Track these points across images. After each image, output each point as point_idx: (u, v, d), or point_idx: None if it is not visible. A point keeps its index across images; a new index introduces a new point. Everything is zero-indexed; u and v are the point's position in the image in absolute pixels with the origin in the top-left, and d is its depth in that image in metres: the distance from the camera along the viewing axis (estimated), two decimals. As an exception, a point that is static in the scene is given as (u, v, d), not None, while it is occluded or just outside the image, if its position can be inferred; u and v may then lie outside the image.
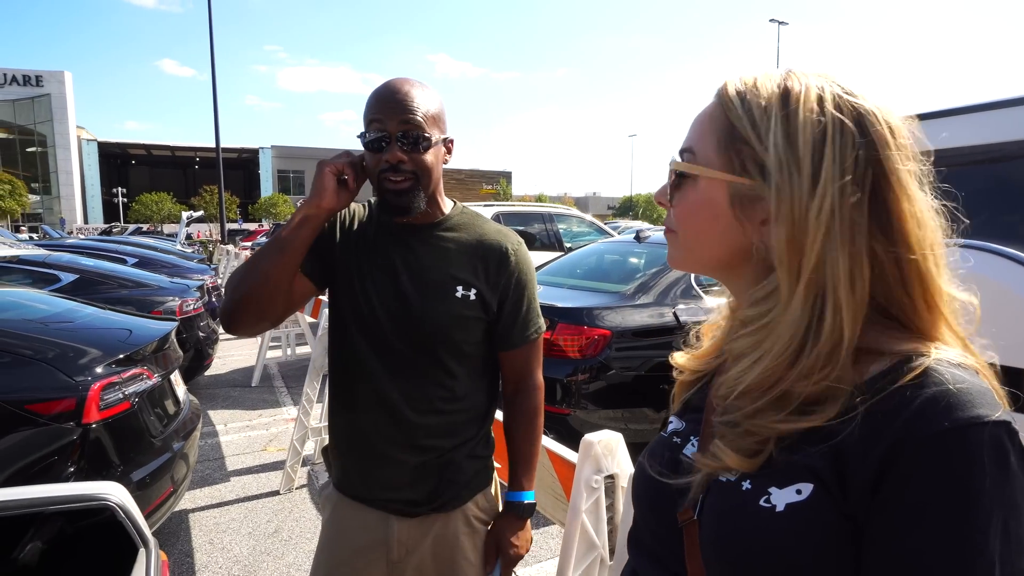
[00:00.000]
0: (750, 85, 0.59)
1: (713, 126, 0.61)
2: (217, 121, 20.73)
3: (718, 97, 0.62)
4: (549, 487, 1.70)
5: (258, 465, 3.92)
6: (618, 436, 1.48)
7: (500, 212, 7.00)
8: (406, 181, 1.14)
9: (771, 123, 0.56)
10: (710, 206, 0.61)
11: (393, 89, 1.14)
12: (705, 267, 0.66)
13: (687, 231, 0.64)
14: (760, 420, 0.54)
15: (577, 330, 3.55)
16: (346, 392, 1.26)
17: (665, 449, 0.68)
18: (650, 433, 3.68)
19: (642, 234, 4.81)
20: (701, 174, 0.61)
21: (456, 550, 1.27)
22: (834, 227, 0.52)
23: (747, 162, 0.58)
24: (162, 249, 9.81)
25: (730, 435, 0.56)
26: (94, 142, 52.80)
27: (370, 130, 1.14)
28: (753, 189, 0.57)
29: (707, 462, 0.57)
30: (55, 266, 5.19)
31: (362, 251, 1.23)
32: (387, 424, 1.21)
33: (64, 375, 2.31)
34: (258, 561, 2.81)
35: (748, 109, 0.58)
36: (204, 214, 30.61)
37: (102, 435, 2.30)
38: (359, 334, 1.21)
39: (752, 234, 0.59)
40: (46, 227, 27.81)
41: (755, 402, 0.54)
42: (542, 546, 2.97)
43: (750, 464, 0.54)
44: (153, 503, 2.43)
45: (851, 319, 0.52)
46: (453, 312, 1.19)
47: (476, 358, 1.26)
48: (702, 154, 0.61)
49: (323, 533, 1.33)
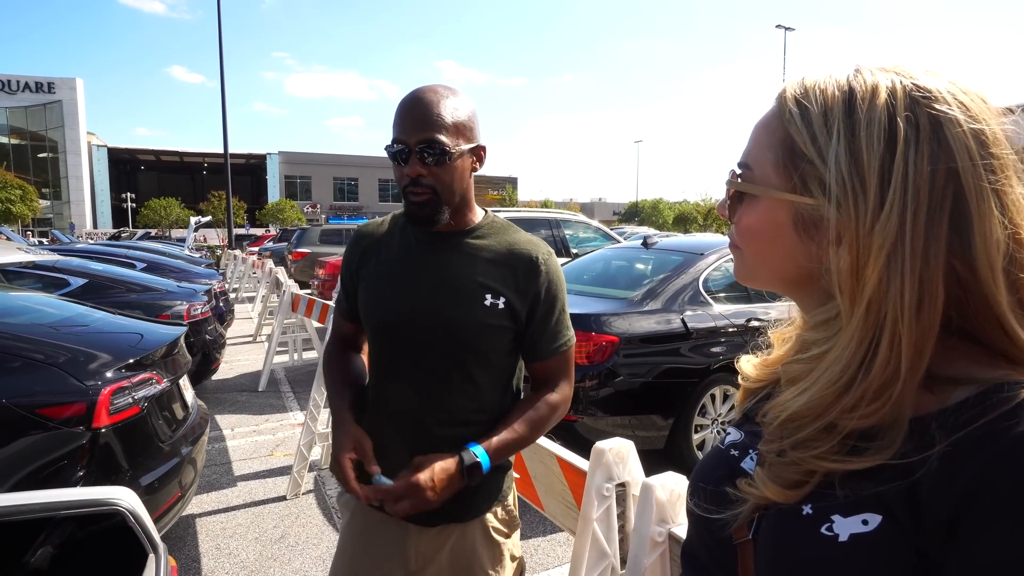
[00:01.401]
0: (811, 90, 0.53)
1: (771, 139, 0.56)
2: (225, 127, 20.90)
3: (777, 104, 0.56)
4: (559, 495, 1.69)
5: (265, 470, 3.92)
6: (629, 444, 1.47)
7: (507, 218, 6.99)
8: (425, 194, 1.14)
9: (833, 137, 0.50)
10: (772, 226, 0.56)
11: (417, 101, 1.14)
12: (771, 285, 0.61)
13: (750, 250, 0.60)
14: (804, 452, 0.50)
15: (585, 336, 3.54)
16: (372, 399, 1.26)
17: (721, 462, 0.64)
18: (657, 440, 3.67)
19: (649, 240, 4.80)
20: (759, 194, 0.56)
21: (474, 561, 1.25)
22: (900, 252, 0.47)
23: (809, 180, 0.52)
24: (170, 254, 9.88)
25: (774, 464, 0.53)
26: (104, 148, 53.34)
27: (393, 143, 1.15)
28: (817, 209, 0.52)
29: (751, 491, 0.54)
30: (65, 270, 5.23)
31: (389, 259, 1.24)
32: (410, 434, 1.20)
33: (75, 379, 2.31)
34: (265, 567, 2.80)
35: (808, 121, 0.52)
36: (212, 219, 30.81)
37: (111, 439, 2.31)
38: (385, 342, 1.22)
39: (819, 255, 0.53)
40: (56, 232, 28.05)
41: (800, 431, 0.51)
42: (549, 554, 2.95)
43: (790, 496, 0.51)
44: (161, 508, 2.43)
45: (912, 352, 0.47)
46: (481, 320, 1.17)
47: (502, 369, 1.25)
48: (760, 170, 0.56)
49: (341, 540, 1.33)
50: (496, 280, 1.20)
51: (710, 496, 0.60)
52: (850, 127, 0.50)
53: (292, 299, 5.95)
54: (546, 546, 3.01)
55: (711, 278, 4.13)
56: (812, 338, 0.54)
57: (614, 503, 1.45)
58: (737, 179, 0.59)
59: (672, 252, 4.47)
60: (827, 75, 0.54)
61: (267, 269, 9.17)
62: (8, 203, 32.58)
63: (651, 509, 1.31)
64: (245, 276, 14.09)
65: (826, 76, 0.53)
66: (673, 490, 1.32)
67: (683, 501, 1.35)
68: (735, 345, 3.93)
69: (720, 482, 0.60)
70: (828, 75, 0.54)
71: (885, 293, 0.48)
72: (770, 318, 4.33)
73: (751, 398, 0.68)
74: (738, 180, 0.59)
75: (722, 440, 0.67)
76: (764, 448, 0.54)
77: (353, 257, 1.31)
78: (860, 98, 0.50)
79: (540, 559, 2.90)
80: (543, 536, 3.10)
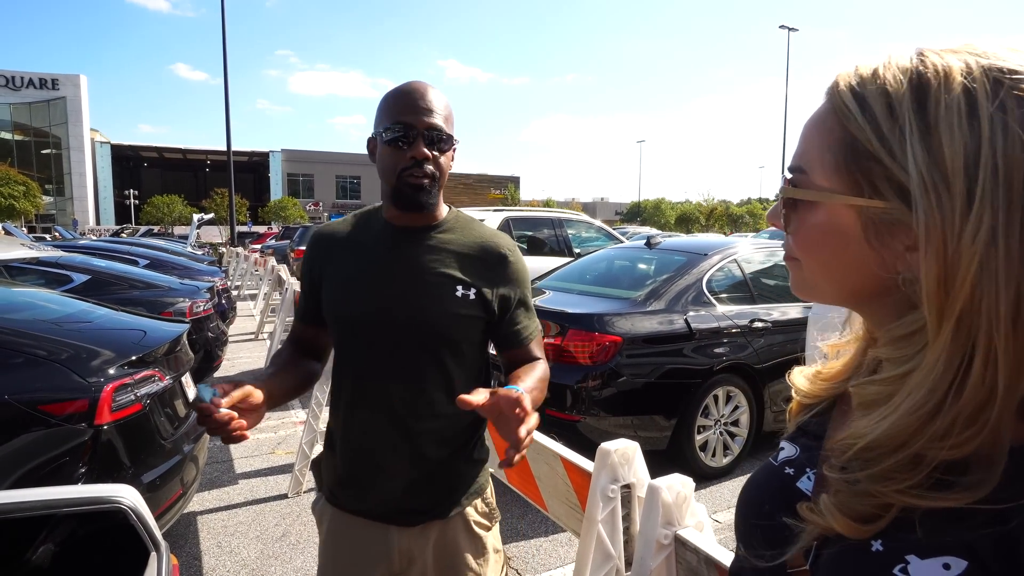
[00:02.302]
0: (870, 81, 0.47)
1: (827, 139, 0.49)
2: (228, 125, 20.92)
3: (829, 99, 0.50)
4: (563, 495, 1.68)
5: (267, 468, 3.92)
6: (635, 445, 1.46)
7: (509, 217, 6.99)
8: (426, 178, 1.17)
9: (905, 132, 0.44)
10: (836, 234, 0.50)
11: (419, 89, 1.18)
12: (836, 299, 0.55)
13: (811, 261, 0.53)
14: (884, 485, 0.44)
15: (588, 336, 3.53)
16: (347, 400, 1.25)
17: (774, 479, 0.58)
18: (660, 441, 3.66)
19: (653, 240, 4.79)
20: (819, 200, 0.50)
21: (458, 557, 1.25)
22: (995, 256, 0.41)
23: (879, 182, 0.46)
24: (173, 251, 9.89)
25: (845, 493, 0.46)
26: (107, 144, 53.45)
27: (394, 126, 1.16)
28: (891, 212, 0.46)
29: (815, 519, 0.48)
30: (68, 267, 5.24)
31: (358, 258, 1.24)
32: (388, 431, 1.20)
33: (77, 376, 2.31)
34: (266, 565, 2.80)
35: (871, 116, 0.46)
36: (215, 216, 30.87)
37: (113, 437, 2.31)
38: (361, 340, 1.21)
39: (895, 262, 0.47)
40: (59, 228, 28.11)
41: (880, 462, 0.44)
42: (551, 554, 2.94)
43: (861, 531, 0.45)
44: (163, 505, 2.43)
45: (1010, 369, 0.41)
46: (454, 311, 1.20)
47: (474, 361, 1.26)
48: (817, 174, 0.50)
49: (322, 551, 1.31)
50: (466, 273, 1.22)
51: (764, 531, 0.54)
52: (923, 118, 0.44)
53: (294, 297, 5.95)
54: (548, 547, 3.00)
55: (714, 278, 4.12)
56: (890, 355, 0.48)
57: (619, 504, 1.44)
58: (791, 185, 0.53)
59: (675, 252, 4.46)
60: (885, 63, 0.48)
61: (269, 267, 9.18)
62: (11, 199, 32.64)
63: (657, 511, 1.30)
64: (247, 273, 14.10)
65: (884, 64, 0.47)
66: (679, 492, 1.31)
67: (689, 503, 1.34)
68: (738, 346, 3.91)
69: (775, 508, 0.54)
70: (887, 62, 0.47)
71: (978, 303, 0.42)
72: (773, 319, 4.34)
73: (805, 412, 0.63)
74: (792, 187, 0.53)
75: (775, 456, 0.62)
76: (834, 474, 0.48)
77: (315, 257, 1.29)
78: (932, 84, 0.44)
79: (542, 559, 2.89)
80: (545, 536, 3.09)
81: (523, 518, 3.26)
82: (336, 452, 1.27)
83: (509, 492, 2.52)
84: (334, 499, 1.28)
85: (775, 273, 4.73)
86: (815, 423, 0.61)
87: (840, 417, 0.58)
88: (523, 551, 2.97)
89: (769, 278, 4.65)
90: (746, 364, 3.90)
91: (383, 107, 1.20)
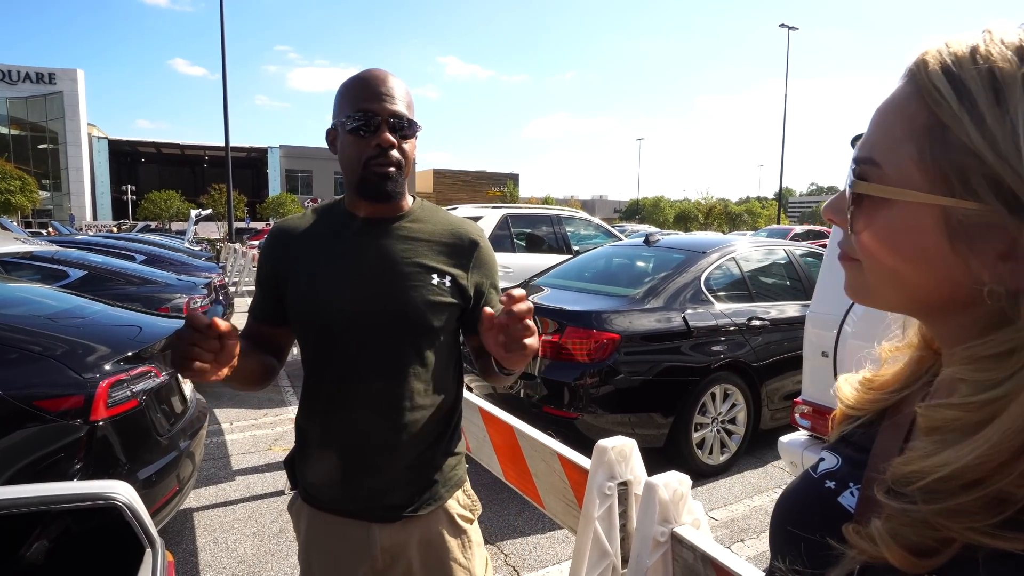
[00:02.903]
0: (968, 60, 0.41)
1: (910, 126, 0.43)
2: (227, 120, 20.84)
3: (913, 81, 0.44)
4: (560, 492, 1.68)
5: (263, 464, 3.91)
6: (632, 442, 1.46)
7: (508, 215, 6.98)
8: (392, 166, 1.16)
9: (1016, 121, 0.38)
10: (914, 236, 0.44)
11: (379, 76, 1.17)
12: (901, 308, 0.49)
13: (878, 266, 0.47)
14: (957, 522, 0.39)
15: (586, 333, 3.53)
16: (323, 397, 1.22)
17: (813, 492, 0.54)
18: (657, 438, 3.66)
19: (652, 238, 4.79)
20: (898, 198, 0.44)
21: (443, 552, 1.23)
22: None
23: (973, 179, 0.40)
24: (170, 247, 9.86)
25: (902, 521, 0.41)
26: (105, 140, 53.25)
27: (356, 115, 1.14)
28: (983, 215, 0.40)
29: (863, 545, 0.43)
30: (64, 262, 5.22)
31: (324, 253, 1.22)
32: (368, 426, 1.18)
33: (73, 372, 2.30)
34: (262, 561, 2.80)
35: (971, 102, 0.40)
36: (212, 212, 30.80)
37: (109, 433, 2.30)
38: (338, 336, 1.19)
39: (983, 271, 0.41)
40: (56, 223, 28.01)
41: (954, 497, 0.39)
42: (548, 551, 2.94)
43: (918, 566, 0.40)
44: (159, 502, 2.42)
45: None
46: (430, 299, 1.19)
47: (450, 350, 1.26)
48: (895, 167, 0.44)
49: (303, 553, 1.28)
50: (440, 260, 1.22)
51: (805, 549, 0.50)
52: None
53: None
54: (544, 543, 3.00)
55: (713, 277, 4.11)
56: (972, 377, 0.42)
57: (616, 502, 1.44)
58: (858, 179, 0.46)
59: (674, 250, 4.46)
60: (988, 38, 0.41)
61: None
62: (8, 194, 32.52)
63: (654, 508, 1.29)
64: (245, 270, 14.07)
65: (986, 39, 0.41)
66: (676, 489, 1.31)
67: (686, 500, 1.34)
68: (736, 344, 3.91)
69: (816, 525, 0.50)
70: (989, 38, 0.41)
71: None
72: (771, 317, 4.33)
73: (849, 422, 0.58)
74: (860, 180, 0.46)
75: (814, 467, 0.57)
76: (892, 501, 0.43)
77: (277, 255, 1.25)
78: None
79: (539, 556, 2.89)
80: (541, 533, 3.09)
81: (520, 515, 3.26)
82: (312, 449, 1.24)
83: (506, 489, 2.52)
84: (311, 498, 1.25)
85: (773, 271, 4.73)
86: (860, 434, 0.56)
87: (891, 430, 0.53)
88: (520, 548, 2.97)
89: (767, 276, 4.65)
90: (744, 362, 3.90)
91: (343, 96, 1.17)
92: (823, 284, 3.14)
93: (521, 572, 2.78)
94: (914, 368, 0.55)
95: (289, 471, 1.31)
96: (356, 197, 1.20)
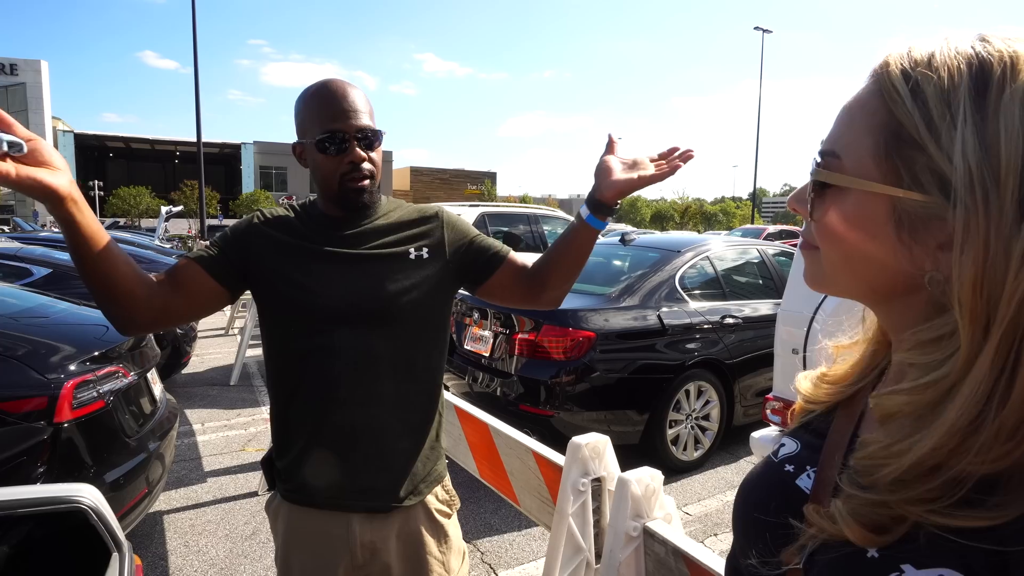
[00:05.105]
0: (924, 64, 0.44)
1: (869, 122, 0.46)
2: (199, 115, 20.43)
3: (876, 82, 0.47)
4: (535, 489, 1.69)
5: (236, 465, 3.85)
6: (605, 439, 1.47)
7: (485, 213, 6.98)
8: (366, 178, 1.19)
9: (957, 120, 0.41)
10: (865, 224, 0.47)
11: (341, 91, 1.19)
12: (853, 294, 0.53)
13: (833, 251, 0.50)
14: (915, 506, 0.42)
15: (562, 332, 3.55)
16: (306, 392, 1.22)
17: (775, 475, 0.57)
18: (632, 435, 3.70)
19: (627, 237, 4.83)
20: (853, 186, 0.47)
21: (421, 546, 1.25)
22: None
23: (921, 173, 0.43)
24: (140, 244, 9.63)
25: (860, 502, 0.44)
26: (70, 133, 51.73)
27: (325, 135, 1.17)
28: (928, 207, 0.43)
29: (823, 524, 0.46)
30: (27, 260, 5.06)
31: (303, 257, 1.22)
32: (350, 420, 1.19)
33: (35, 372, 2.24)
34: (235, 564, 2.75)
35: (923, 102, 0.43)
36: (184, 209, 30.17)
37: (74, 435, 2.24)
38: (325, 333, 1.19)
39: (924, 260, 0.45)
40: (18, 219, 27.13)
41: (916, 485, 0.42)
42: (524, 548, 2.95)
43: (875, 541, 0.43)
44: (127, 505, 2.37)
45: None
46: (412, 273, 1.22)
47: (432, 343, 1.27)
48: (854, 159, 0.47)
49: (281, 550, 1.28)
50: (411, 236, 1.26)
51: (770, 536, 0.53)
52: (981, 108, 0.41)
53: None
54: (521, 541, 3.01)
55: (687, 275, 4.17)
56: (917, 360, 0.45)
57: (590, 498, 1.45)
58: (822, 169, 0.50)
59: (649, 249, 4.50)
60: (943, 45, 0.44)
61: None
62: (-32, 189, 31.40)
63: (626, 504, 1.31)
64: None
65: (942, 46, 0.44)
66: (648, 485, 1.33)
67: (658, 495, 1.36)
68: (710, 342, 3.97)
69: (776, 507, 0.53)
70: (945, 45, 0.44)
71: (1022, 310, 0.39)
72: (744, 315, 4.41)
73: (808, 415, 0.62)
74: (824, 171, 0.50)
75: (775, 452, 0.60)
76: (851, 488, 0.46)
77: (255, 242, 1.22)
78: (995, 71, 0.41)
79: (515, 554, 2.90)
80: (518, 531, 3.10)
81: (496, 513, 3.27)
82: (292, 445, 1.24)
83: (483, 487, 2.52)
84: (291, 495, 1.25)
85: (746, 270, 4.81)
86: (819, 421, 0.60)
87: (845, 418, 0.56)
88: (496, 546, 2.97)
89: (740, 275, 4.72)
90: (717, 359, 3.97)
91: (307, 113, 1.20)
92: (794, 283, 3.21)
93: (498, 570, 2.78)
94: (867, 362, 0.59)
95: (266, 470, 1.31)
96: (334, 207, 1.24)
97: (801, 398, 0.63)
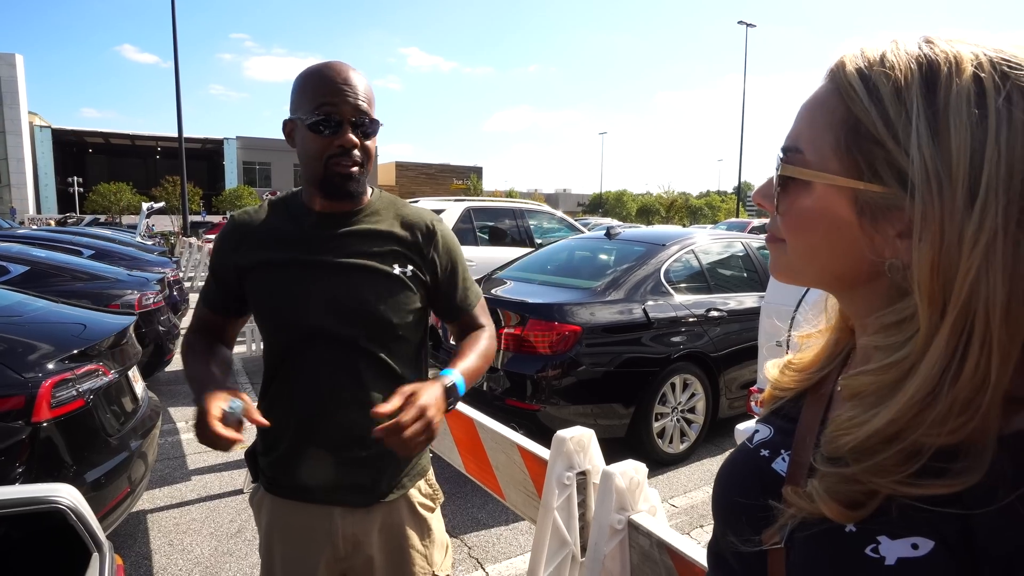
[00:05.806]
0: (877, 63, 0.47)
1: (829, 119, 0.49)
2: (180, 110, 20.14)
3: (833, 80, 0.50)
4: (520, 483, 1.69)
5: (220, 463, 3.82)
6: (590, 432, 1.48)
7: (471, 207, 6.95)
8: (355, 165, 1.15)
9: (911, 117, 0.44)
10: (828, 216, 0.49)
11: (341, 71, 1.14)
12: (819, 283, 0.55)
13: (798, 243, 0.53)
14: (880, 477, 0.44)
15: (548, 326, 3.55)
16: (290, 390, 1.22)
17: (751, 461, 0.60)
18: (619, 428, 3.72)
19: (613, 231, 4.84)
20: (815, 180, 0.50)
21: (404, 539, 1.25)
22: (995, 251, 0.41)
23: (879, 165, 0.46)
24: (120, 241, 9.49)
25: (834, 479, 0.47)
26: (48, 129, 50.69)
27: (318, 112, 1.12)
28: (887, 198, 0.46)
29: (801, 503, 0.48)
30: (4, 257, 4.96)
31: (285, 250, 1.20)
32: (334, 415, 1.19)
33: (12, 372, 2.20)
34: (220, 562, 2.73)
35: (878, 98, 0.46)
36: (165, 205, 29.73)
37: (54, 434, 2.20)
38: (305, 333, 1.19)
39: (884, 248, 0.47)
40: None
41: (876, 454, 0.45)
42: (511, 542, 2.96)
43: (851, 516, 0.46)
44: (108, 504, 2.34)
45: (1001, 358, 0.42)
46: (395, 291, 1.20)
47: (412, 340, 1.27)
48: (816, 155, 0.50)
49: (265, 542, 1.28)
50: (399, 251, 1.22)
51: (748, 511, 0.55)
52: (931, 104, 0.44)
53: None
54: (508, 535, 3.02)
55: (672, 269, 4.19)
56: (880, 343, 0.47)
57: (575, 491, 1.46)
58: (786, 164, 0.52)
59: (635, 243, 4.52)
60: (893, 47, 0.47)
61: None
62: (-58, 186, 30.68)
63: (611, 497, 1.32)
64: (201, 264, 13.65)
65: (892, 48, 0.47)
66: (633, 478, 1.34)
67: (642, 488, 1.37)
68: (695, 335, 4.00)
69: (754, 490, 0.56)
70: (895, 46, 0.47)
71: (976, 293, 0.42)
72: (729, 308, 4.44)
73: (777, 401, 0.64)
74: (788, 166, 0.52)
75: (750, 438, 0.63)
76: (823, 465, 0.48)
77: (230, 247, 1.24)
78: (942, 70, 0.44)
79: (502, 548, 2.91)
80: (505, 525, 3.11)
81: (483, 507, 3.27)
82: (277, 443, 1.24)
83: (470, 482, 2.52)
84: (274, 487, 1.25)
85: (731, 264, 4.84)
86: (790, 407, 0.62)
87: (815, 403, 0.59)
88: (483, 540, 2.98)
89: (725, 268, 4.76)
90: (702, 352, 4.00)
91: (302, 89, 1.15)
92: (777, 276, 3.24)
93: (484, 564, 2.79)
94: (831, 349, 0.61)
95: (251, 463, 1.31)
96: (316, 193, 1.20)
97: (770, 385, 0.66)
